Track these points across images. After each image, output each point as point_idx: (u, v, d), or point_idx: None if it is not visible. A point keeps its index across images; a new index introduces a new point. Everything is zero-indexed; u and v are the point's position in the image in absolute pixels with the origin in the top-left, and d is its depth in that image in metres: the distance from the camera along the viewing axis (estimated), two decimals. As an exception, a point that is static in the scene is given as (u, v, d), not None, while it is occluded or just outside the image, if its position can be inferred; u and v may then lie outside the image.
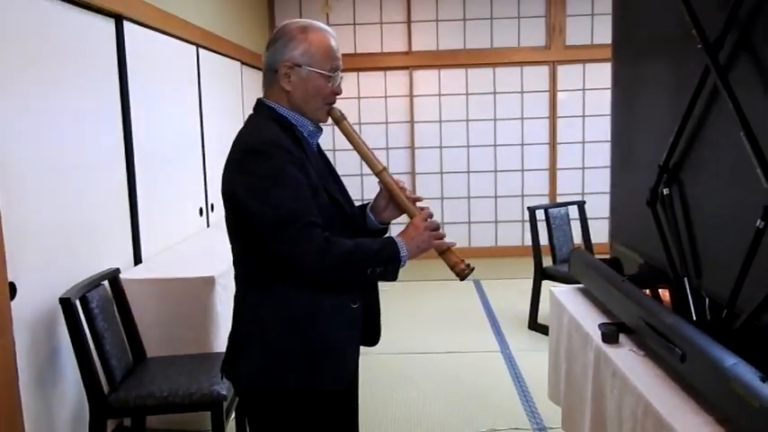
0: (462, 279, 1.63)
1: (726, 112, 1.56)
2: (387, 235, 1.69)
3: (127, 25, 3.06)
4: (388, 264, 1.55)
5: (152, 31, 3.40)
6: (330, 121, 1.66)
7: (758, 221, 1.44)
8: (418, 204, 1.68)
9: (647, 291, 2.14)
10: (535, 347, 3.89)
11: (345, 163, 5.75)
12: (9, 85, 2.22)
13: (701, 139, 1.82)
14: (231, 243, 1.64)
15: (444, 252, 1.63)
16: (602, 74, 5.76)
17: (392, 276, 1.57)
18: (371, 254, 1.54)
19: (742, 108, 1.50)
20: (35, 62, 2.39)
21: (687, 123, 1.83)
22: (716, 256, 1.78)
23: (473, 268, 1.63)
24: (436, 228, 1.62)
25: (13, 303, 2.16)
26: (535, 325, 4.25)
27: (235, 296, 1.68)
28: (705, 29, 1.68)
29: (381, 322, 1.79)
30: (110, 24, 2.96)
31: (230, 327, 1.68)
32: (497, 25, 6.37)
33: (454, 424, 3.03)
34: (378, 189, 1.74)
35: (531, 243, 4.37)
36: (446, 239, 1.64)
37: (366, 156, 1.68)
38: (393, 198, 1.69)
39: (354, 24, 6.41)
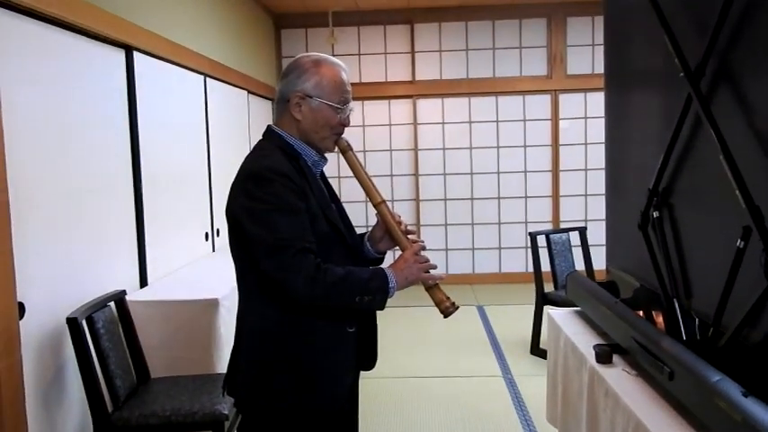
0: (446, 317, 1.69)
1: (708, 136, 1.62)
2: (379, 265, 1.75)
3: (136, 56, 3.17)
4: (377, 293, 1.60)
5: (161, 62, 3.51)
6: (337, 150, 1.74)
7: (738, 241, 1.49)
8: (411, 237, 1.73)
9: (641, 313, 2.18)
10: (536, 372, 3.90)
11: (351, 190, 5.80)
12: (21, 111, 2.31)
13: (687, 163, 1.87)
14: (234, 262, 1.70)
15: (431, 288, 1.68)
16: (603, 102, 5.86)
17: (380, 306, 1.62)
18: (361, 283, 1.59)
19: (721, 132, 1.56)
20: (47, 90, 2.49)
21: (674, 148, 1.89)
22: (704, 276, 1.82)
23: (458, 307, 1.68)
24: (426, 262, 1.67)
25: (21, 323, 2.22)
26: (537, 350, 4.26)
27: (237, 313, 1.73)
28: (687, 58, 1.75)
29: (382, 346, 1.82)
30: (120, 55, 3.07)
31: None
32: (499, 55, 6.50)
33: (454, 447, 3.04)
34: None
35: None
36: (435, 273, 1.69)
37: (367, 187, 1.75)
38: (388, 230, 1.76)
39: (359, 55, 6.55)
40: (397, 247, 1.77)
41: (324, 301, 1.56)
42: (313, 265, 1.53)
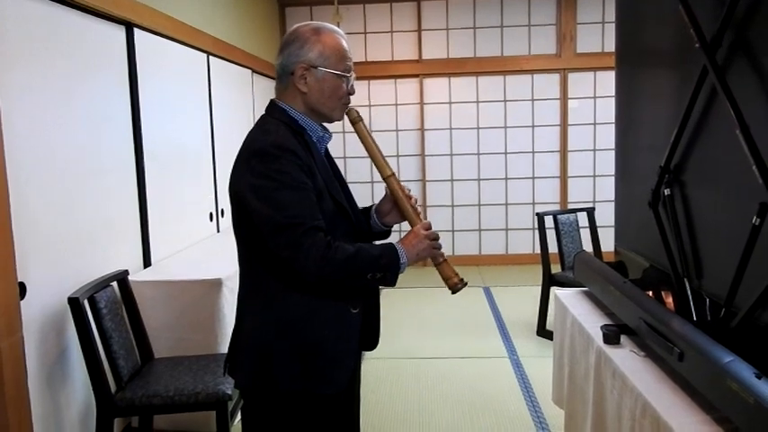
0: (454, 293, 1.65)
1: (723, 111, 1.57)
2: (388, 240, 1.71)
3: (137, 32, 3.12)
4: (388, 270, 1.56)
5: (163, 39, 3.46)
6: (342, 127, 1.69)
7: (754, 218, 1.44)
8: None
9: (651, 293, 2.14)
10: (542, 353, 3.87)
11: (356, 170, 5.78)
12: (21, 89, 2.27)
13: (700, 140, 1.82)
14: (236, 241, 1.66)
15: (440, 264, 1.65)
16: (613, 81, 5.76)
17: (391, 282, 1.58)
18: (372, 259, 1.55)
19: (738, 105, 1.50)
20: (47, 68, 2.45)
21: (687, 124, 1.83)
22: (716, 256, 1.77)
23: (466, 283, 1.64)
24: (436, 238, 1.64)
25: (22, 303, 2.20)
26: (543, 331, 4.24)
27: (238, 294, 1.70)
28: (703, 29, 1.68)
29: (386, 327, 1.79)
30: (120, 31, 3.02)
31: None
32: (508, 33, 6.40)
33: (460, 428, 3.03)
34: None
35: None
36: (442, 252, 1.65)
37: (377, 159, 1.70)
38: (397, 204, 1.72)
39: (365, 33, 6.47)
40: (406, 222, 1.73)
41: (335, 278, 1.53)
42: (323, 243, 1.49)
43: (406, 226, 1.70)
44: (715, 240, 1.78)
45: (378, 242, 1.70)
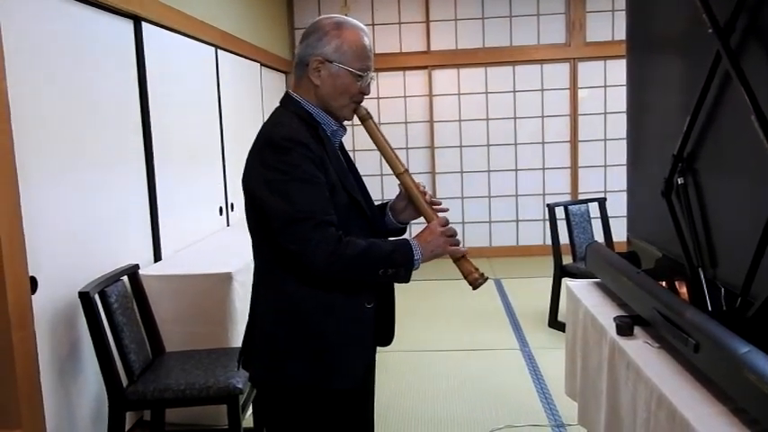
0: (475, 288, 1.63)
1: (737, 97, 1.54)
2: (403, 236, 1.68)
3: (145, 26, 3.12)
4: (401, 266, 1.53)
5: (171, 33, 3.45)
6: (354, 120, 1.67)
7: (770, 206, 1.41)
8: (436, 208, 1.67)
9: (664, 283, 2.11)
10: (554, 345, 3.86)
11: (365, 163, 5.76)
12: (30, 84, 2.27)
13: (713, 127, 1.79)
14: (250, 235, 1.65)
15: (459, 259, 1.62)
16: (623, 70, 5.67)
17: (404, 278, 1.55)
18: (384, 255, 1.53)
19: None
20: (55, 62, 2.45)
21: (700, 112, 1.80)
22: (731, 245, 1.75)
23: (487, 278, 1.62)
24: (453, 234, 1.61)
25: (33, 297, 2.21)
26: (555, 323, 4.21)
27: (252, 287, 1.69)
28: (716, 14, 1.65)
29: (398, 319, 1.76)
30: (128, 25, 3.02)
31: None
32: (516, 23, 6.35)
33: (472, 420, 3.02)
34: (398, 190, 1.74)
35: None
36: (461, 248, 1.62)
37: (389, 156, 1.68)
38: (412, 201, 1.69)
39: (373, 24, 6.43)
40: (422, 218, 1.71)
41: (345, 274, 1.51)
42: (334, 238, 1.48)
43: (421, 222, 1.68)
44: (730, 229, 1.75)
45: (392, 238, 1.68)
